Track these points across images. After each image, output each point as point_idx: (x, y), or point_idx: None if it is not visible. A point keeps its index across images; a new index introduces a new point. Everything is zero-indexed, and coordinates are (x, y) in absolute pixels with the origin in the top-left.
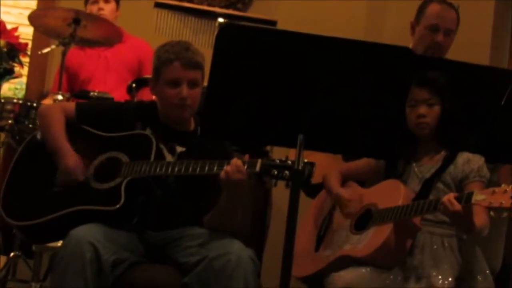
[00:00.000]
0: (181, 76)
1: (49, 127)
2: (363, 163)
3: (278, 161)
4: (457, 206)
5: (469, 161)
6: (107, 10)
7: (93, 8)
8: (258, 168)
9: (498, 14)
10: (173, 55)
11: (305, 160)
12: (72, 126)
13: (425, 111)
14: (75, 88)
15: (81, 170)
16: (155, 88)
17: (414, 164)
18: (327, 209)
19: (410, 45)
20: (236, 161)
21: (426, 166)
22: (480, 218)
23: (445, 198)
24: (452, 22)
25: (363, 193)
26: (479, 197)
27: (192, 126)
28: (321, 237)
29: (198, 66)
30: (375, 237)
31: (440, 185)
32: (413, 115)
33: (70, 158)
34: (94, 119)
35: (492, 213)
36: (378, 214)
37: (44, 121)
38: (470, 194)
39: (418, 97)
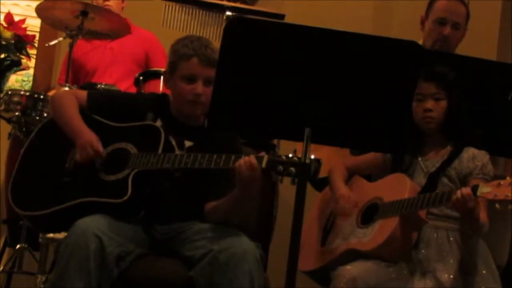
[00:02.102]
0: (198, 73)
1: (64, 109)
2: (370, 157)
3: (284, 157)
4: (473, 201)
5: (474, 158)
6: (113, 3)
7: (98, 1)
8: (264, 164)
9: (505, 10)
10: (192, 51)
11: (312, 157)
12: (82, 115)
13: (431, 106)
14: (81, 79)
15: (100, 144)
16: (169, 82)
17: (420, 158)
18: (333, 203)
19: (420, 41)
20: (250, 158)
21: (432, 161)
22: (482, 216)
23: (464, 192)
24: (460, 15)
25: (369, 187)
26: (485, 189)
27: (201, 120)
28: (327, 231)
29: (215, 64)
30: (381, 230)
31: (444, 180)
32: (419, 109)
33: (88, 133)
34: (105, 108)
35: (497, 205)
36: (384, 207)
37: (57, 104)
38: (476, 187)
39: (425, 91)
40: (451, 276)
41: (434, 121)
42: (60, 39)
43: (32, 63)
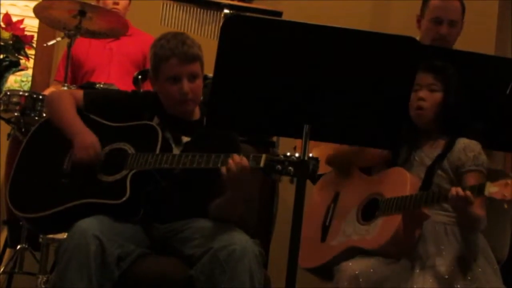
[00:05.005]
0: (180, 72)
1: (61, 109)
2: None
3: (282, 156)
4: (464, 201)
5: (466, 149)
6: (121, 5)
7: (107, 2)
8: (262, 163)
9: (503, 5)
10: (169, 51)
11: (311, 155)
12: (79, 115)
13: (425, 95)
14: (79, 78)
15: (100, 147)
16: (156, 85)
17: (415, 151)
18: (330, 198)
19: (417, 39)
20: (239, 158)
21: (426, 153)
22: (479, 212)
23: (453, 191)
24: (455, 12)
25: (368, 181)
26: (492, 189)
27: (197, 115)
28: (327, 227)
29: (196, 58)
30: (384, 228)
31: (439, 172)
32: (414, 98)
33: (90, 134)
34: (102, 107)
35: (506, 205)
36: (385, 203)
37: (54, 104)
38: (482, 186)
39: (422, 81)
40: (450, 270)
41: (425, 113)
42: (59, 39)
43: (30, 63)
